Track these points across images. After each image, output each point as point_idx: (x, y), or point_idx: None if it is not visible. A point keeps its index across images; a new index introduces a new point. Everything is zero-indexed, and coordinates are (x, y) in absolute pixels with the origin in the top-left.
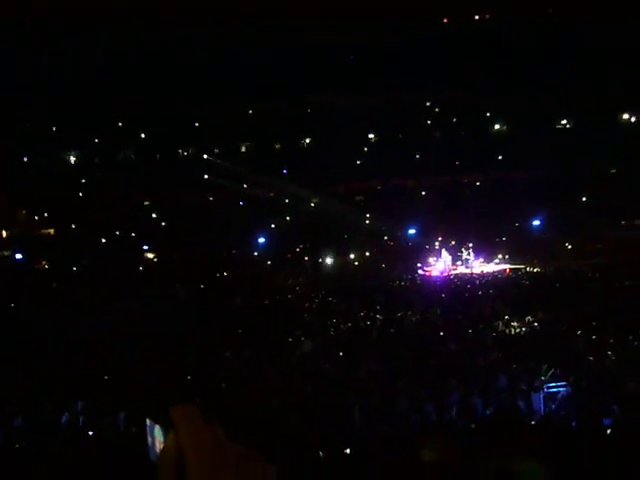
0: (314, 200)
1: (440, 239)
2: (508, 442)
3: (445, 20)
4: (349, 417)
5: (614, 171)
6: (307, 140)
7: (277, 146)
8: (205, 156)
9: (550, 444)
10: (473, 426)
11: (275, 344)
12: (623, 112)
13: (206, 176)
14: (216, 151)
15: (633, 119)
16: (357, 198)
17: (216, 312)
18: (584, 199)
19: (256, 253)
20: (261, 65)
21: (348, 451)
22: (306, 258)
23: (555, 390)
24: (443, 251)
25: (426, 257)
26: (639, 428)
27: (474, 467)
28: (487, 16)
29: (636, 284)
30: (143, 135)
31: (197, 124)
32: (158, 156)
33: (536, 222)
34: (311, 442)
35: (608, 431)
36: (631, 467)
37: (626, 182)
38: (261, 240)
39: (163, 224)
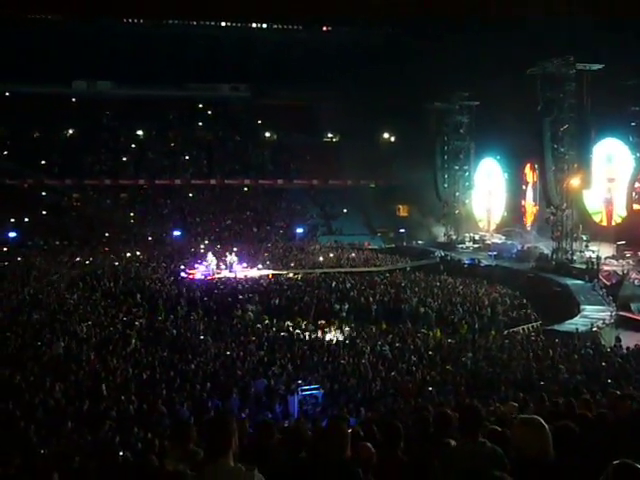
0: (75, 195)
1: (206, 242)
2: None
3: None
4: (102, 424)
5: (373, 185)
6: (70, 131)
7: (36, 134)
8: None
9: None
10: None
11: (22, 345)
12: (385, 132)
13: None
14: None
15: (393, 139)
16: (122, 195)
17: None
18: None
19: (5, 249)
20: (23, 44)
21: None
22: (64, 256)
23: (309, 393)
24: (209, 254)
25: (191, 259)
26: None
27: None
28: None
29: (390, 292)
30: None
31: None
32: None
33: (300, 230)
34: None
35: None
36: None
37: (382, 196)
38: (12, 235)
39: None
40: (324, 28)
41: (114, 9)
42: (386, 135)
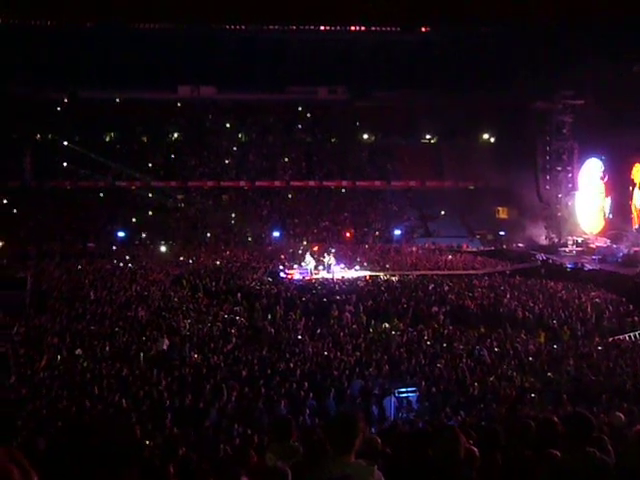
0: (179, 196)
1: (304, 243)
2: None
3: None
4: (204, 419)
5: (472, 187)
6: (175, 135)
7: (144, 138)
8: (65, 143)
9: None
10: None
11: (129, 340)
12: (484, 132)
13: (65, 164)
14: (77, 139)
15: (492, 139)
16: (223, 197)
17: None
18: (443, 212)
19: (114, 247)
20: (131, 53)
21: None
22: (167, 255)
23: (405, 395)
24: (307, 255)
25: (289, 260)
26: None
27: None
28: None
29: (489, 296)
30: None
31: (58, 109)
32: (15, 138)
33: (397, 232)
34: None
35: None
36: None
37: (481, 198)
38: (121, 234)
39: (15, 211)
40: (422, 29)
41: (216, 16)
42: (486, 136)
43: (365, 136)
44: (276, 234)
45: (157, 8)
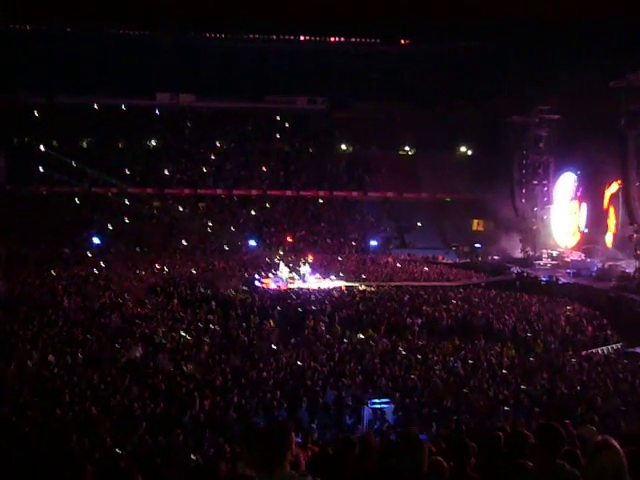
0: (155, 203)
1: (281, 252)
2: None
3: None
4: (175, 427)
5: (448, 199)
6: (153, 142)
7: (121, 145)
8: (42, 148)
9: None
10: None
11: (103, 348)
12: (462, 145)
13: (41, 169)
14: (54, 144)
15: (469, 152)
16: (200, 204)
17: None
18: (419, 224)
19: (89, 254)
20: (110, 59)
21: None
22: (143, 262)
23: (379, 407)
24: (281, 264)
25: (264, 269)
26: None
27: None
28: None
29: (464, 308)
30: None
31: (36, 113)
32: None
33: (373, 242)
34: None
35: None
36: None
37: (457, 210)
38: (96, 241)
39: None
40: (402, 41)
41: (197, 24)
42: (463, 149)
43: (343, 146)
44: (252, 243)
45: (137, 15)
